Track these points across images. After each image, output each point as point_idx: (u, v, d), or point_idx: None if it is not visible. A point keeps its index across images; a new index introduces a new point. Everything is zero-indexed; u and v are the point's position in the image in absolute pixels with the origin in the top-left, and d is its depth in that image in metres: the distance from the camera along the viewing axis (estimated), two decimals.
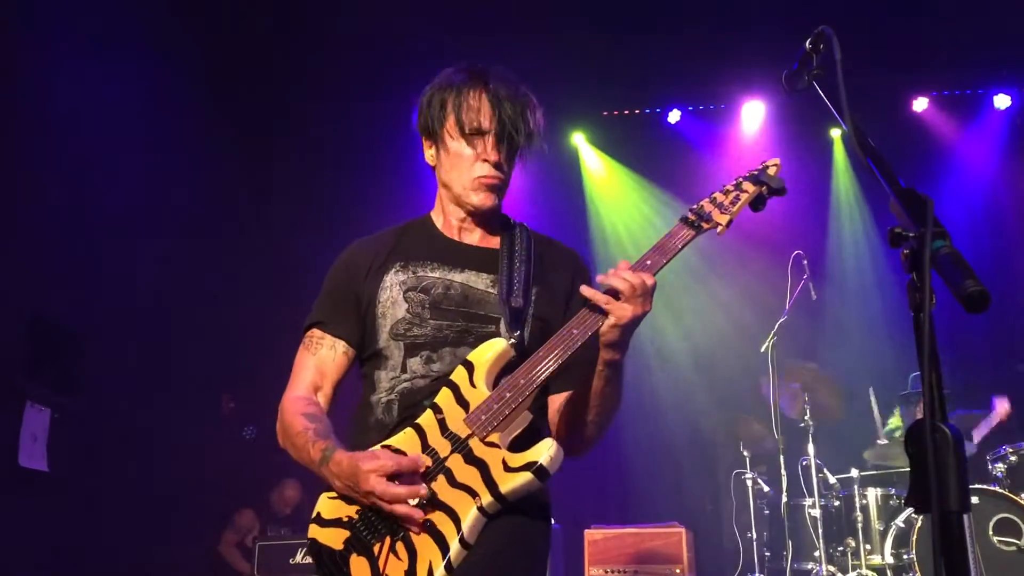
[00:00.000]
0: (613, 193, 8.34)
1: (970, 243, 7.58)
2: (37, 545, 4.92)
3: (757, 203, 2.09)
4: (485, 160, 2.16)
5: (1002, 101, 7.73)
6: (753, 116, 7.94)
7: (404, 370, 2.13)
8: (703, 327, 7.76)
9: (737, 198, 2.07)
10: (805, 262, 6.06)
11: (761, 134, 7.93)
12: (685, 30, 7.09)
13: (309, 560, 2.13)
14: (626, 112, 8.20)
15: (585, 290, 1.96)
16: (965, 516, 1.37)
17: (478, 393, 1.99)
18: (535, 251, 2.27)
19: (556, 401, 2.22)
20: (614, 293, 1.92)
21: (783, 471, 5.81)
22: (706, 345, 7.71)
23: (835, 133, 8.06)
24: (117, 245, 5.78)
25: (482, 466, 1.92)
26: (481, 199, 2.20)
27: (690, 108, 8.12)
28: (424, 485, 1.92)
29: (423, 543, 1.91)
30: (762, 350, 6.06)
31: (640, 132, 8.21)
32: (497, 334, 2.10)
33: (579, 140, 8.34)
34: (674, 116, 8.06)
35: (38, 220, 5.10)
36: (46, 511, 5.01)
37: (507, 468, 1.90)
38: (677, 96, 8.04)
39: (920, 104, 7.79)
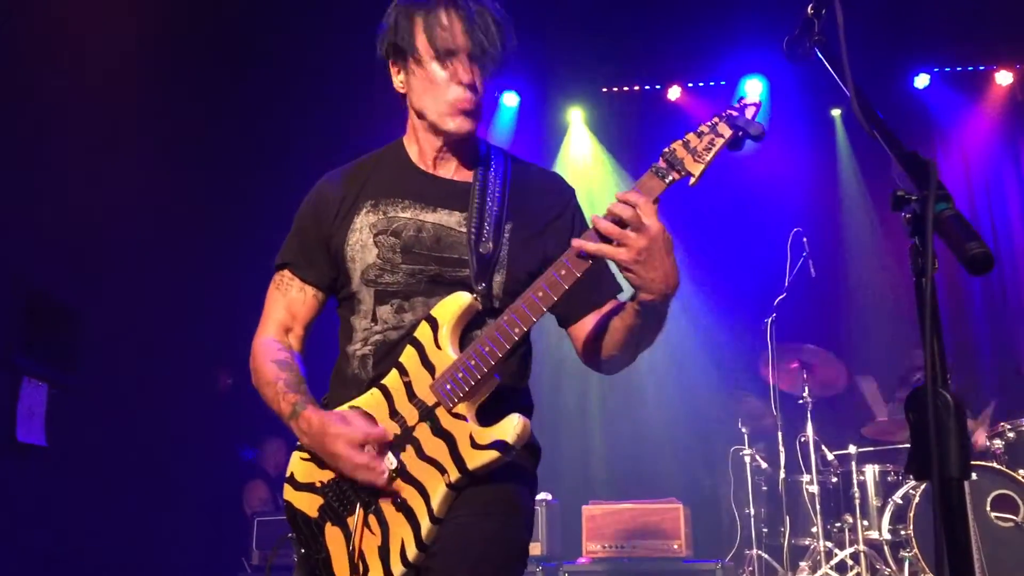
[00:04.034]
0: (586, 181, 8.20)
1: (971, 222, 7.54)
2: (35, 519, 4.93)
3: (733, 145, 1.86)
4: (460, 83, 2.02)
5: (1004, 78, 7.67)
6: (754, 93, 7.89)
7: (375, 320, 2.08)
8: (702, 303, 7.74)
9: (712, 143, 1.83)
10: (805, 239, 6.05)
11: (763, 111, 7.86)
12: (687, 5, 7.03)
13: None
14: (625, 88, 8.14)
15: (575, 242, 1.83)
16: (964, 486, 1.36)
17: (443, 356, 1.96)
18: (512, 180, 2.16)
19: (579, 330, 2.14)
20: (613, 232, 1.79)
21: (781, 447, 5.82)
22: (705, 321, 7.70)
23: (836, 112, 8.01)
24: (114, 220, 5.75)
25: (449, 440, 1.91)
26: (458, 124, 2.06)
27: (690, 84, 8.06)
28: (386, 460, 1.92)
29: (394, 519, 1.93)
30: (761, 327, 6.06)
31: (640, 109, 8.15)
32: (470, 279, 2.03)
33: (575, 117, 8.27)
34: (674, 93, 8.01)
35: (35, 195, 5.07)
36: (44, 486, 5.02)
37: (474, 445, 1.89)
38: (678, 72, 7.98)
39: (922, 80, 7.74)
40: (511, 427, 1.87)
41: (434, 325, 1.98)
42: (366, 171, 2.20)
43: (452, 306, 1.98)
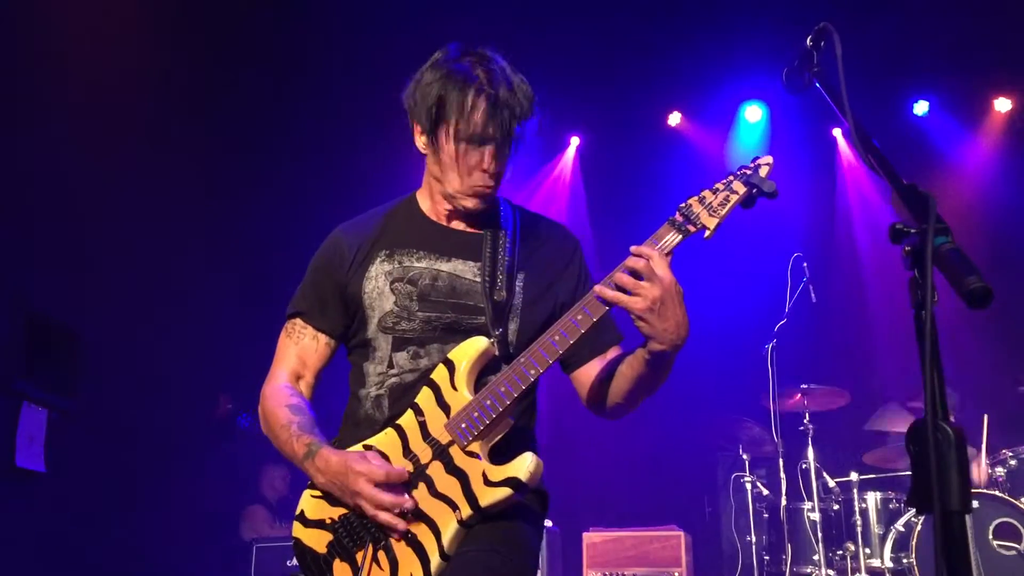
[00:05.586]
0: (583, 207, 8.22)
1: (971, 249, 7.53)
2: (34, 545, 4.91)
3: (747, 203, 1.96)
4: (483, 171, 2.09)
5: (1003, 104, 7.70)
6: (754, 119, 7.91)
7: (391, 365, 2.12)
8: (701, 329, 7.70)
9: (727, 199, 1.93)
10: (805, 264, 6.05)
11: (763, 137, 7.91)
12: (687, 31, 7.08)
13: None
14: (625, 114, 8.16)
15: (597, 289, 1.90)
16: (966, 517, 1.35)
17: (459, 397, 1.99)
18: (521, 231, 2.23)
19: (583, 375, 2.19)
20: (628, 283, 1.87)
21: (782, 474, 5.79)
22: (705, 347, 7.67)
23: (837, 132, 8.02)
24: (115, 244, 5.76)
25: (462, 477, 1.93)
26: (474, 204, 2.14)
27: (690, 112, 8.09)
28: (409, 497, 1.94)
29: (404, 555, 1.94)
30: (762, 353, 6.05)
31: (639, 135, 8.17)
32: (486, 326, 2.08)
33: (574, 142, 8.31)
34: (674, 119, 8.04)
35: (35, 218, 5.09)
36: (43, 512, 5.00)
37: (487, 482, 1.91)
38: (677, 98, 8.02)
39: (921, 107, 7.77)
40: (524, 465, 1.89)
41: (451, 367, 2.02)
42: (380, 222, 2.26)
43: (469, 349, 2.03)
